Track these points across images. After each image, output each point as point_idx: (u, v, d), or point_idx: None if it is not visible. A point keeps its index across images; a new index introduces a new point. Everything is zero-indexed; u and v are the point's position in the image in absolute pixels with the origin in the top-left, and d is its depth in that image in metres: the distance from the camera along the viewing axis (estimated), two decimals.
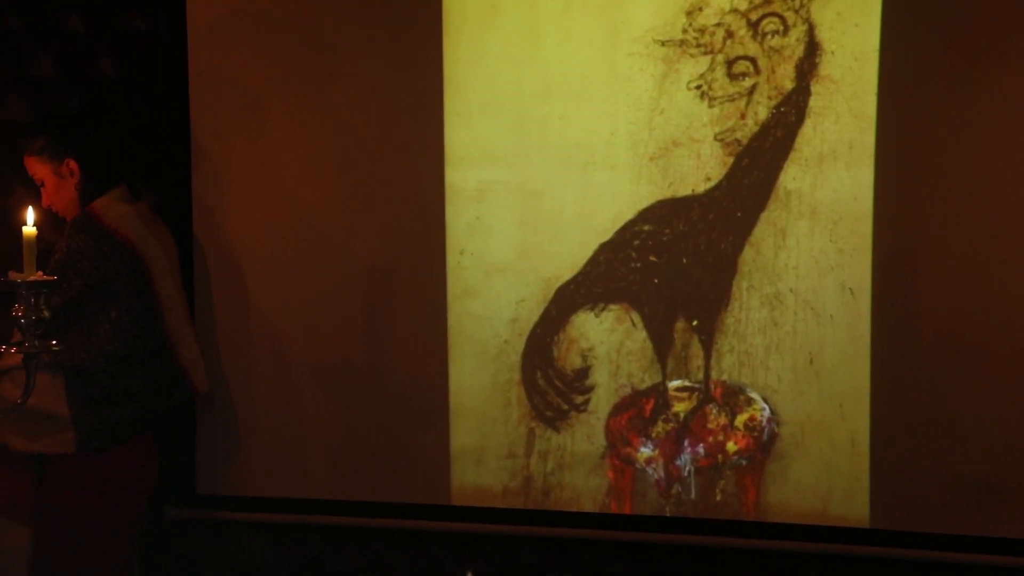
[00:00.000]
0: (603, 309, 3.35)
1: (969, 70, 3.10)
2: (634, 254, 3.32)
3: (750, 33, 3.20)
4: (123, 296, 3.06)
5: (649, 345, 3.34)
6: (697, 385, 3.33)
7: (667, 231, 3.30)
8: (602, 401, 3.37)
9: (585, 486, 3.40)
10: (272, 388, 3.50)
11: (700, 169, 3.26)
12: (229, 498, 3.56)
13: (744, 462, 3.32)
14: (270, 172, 3.45)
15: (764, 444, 3.30)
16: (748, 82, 3.22)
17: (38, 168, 3.13)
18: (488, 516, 3.43)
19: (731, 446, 3.33)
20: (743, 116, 3.23)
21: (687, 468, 3.35)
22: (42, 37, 3.49)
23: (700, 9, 3.21)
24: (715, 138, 3.24)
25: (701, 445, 3.34)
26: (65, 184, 3.12)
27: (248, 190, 3.47)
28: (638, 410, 3.36)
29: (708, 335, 3.30)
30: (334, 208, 3.44)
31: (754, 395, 3.30)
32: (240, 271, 3.48)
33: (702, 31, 3.22)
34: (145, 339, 3.10)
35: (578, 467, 3.40)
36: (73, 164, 3.11)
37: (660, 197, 3.28)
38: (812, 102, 3.19)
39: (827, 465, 3.26)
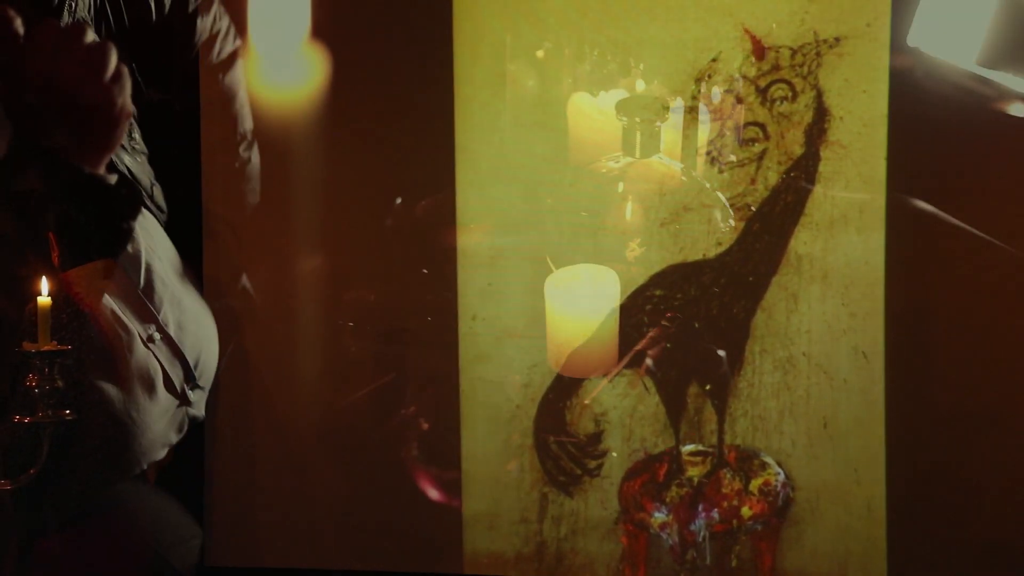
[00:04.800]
0: (616, 374, 3.34)
1: (977, 136, 3.11)
2: (646, 319, 3.32)
3: (759, 99, 3.23)
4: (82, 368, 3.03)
5: (662, 410, 3.33)
6: (711, 450, 3.32)
7: (679, 296, 3.30)
8: (615, 466, 3.35)
9: (599, 552, 3.38)
10: (282, 455, 3.48)
11: (711, 234, 3.27)
12: (239, 570, 3.52)
13: (759, 527, 3.30)
14: (281, 239, 3.46)
15: (779, 509, 3.28)
16: (758, 148, 3.24)
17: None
18: None
19: (746, 511, 3.30)
20: (753, 181, 3.24)
21: (701, 533, 3.33)
22: (57, 108, 3.51)
23: (709, 76, 3.24)
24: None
25: (715, 510, 3.32)
26: (52, 256, 3.17)
27: (257, 257, 3.48)
28: (652, 475, 3.34)
29: (721, 399, 3.29)
30: (345, 276, 3.44)
31: (768, 459, 3.28)
32: (249, 339, 3.48)
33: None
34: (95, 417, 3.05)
35: (592, 533, 3.37)
36: (51, 238, 3.15)
37: (671, 262, 3.29)
38: (822, 167, 3.21)
39: (843, 531, 3.23)
